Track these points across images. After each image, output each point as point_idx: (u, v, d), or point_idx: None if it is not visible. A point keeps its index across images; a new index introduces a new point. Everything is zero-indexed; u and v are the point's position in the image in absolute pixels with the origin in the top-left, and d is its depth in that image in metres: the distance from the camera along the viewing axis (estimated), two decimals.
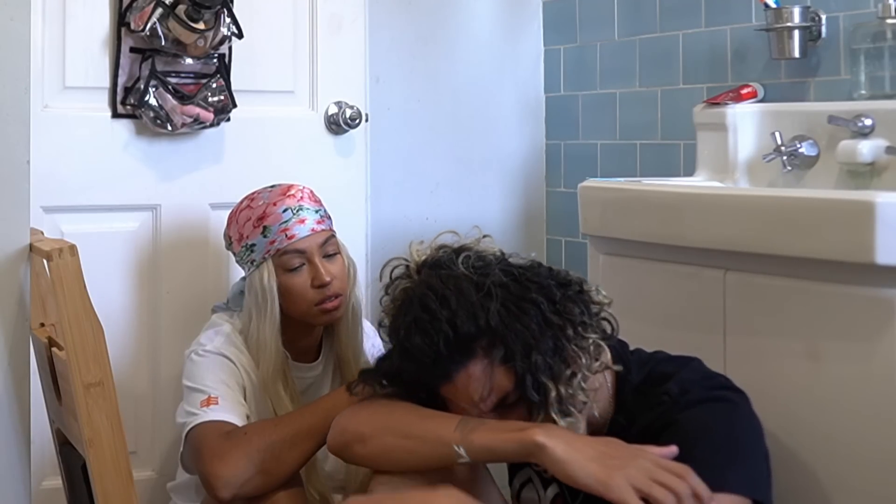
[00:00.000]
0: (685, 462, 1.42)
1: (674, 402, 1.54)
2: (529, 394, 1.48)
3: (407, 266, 1.61)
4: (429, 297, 1.52)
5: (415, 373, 1.54)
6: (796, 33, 2.16)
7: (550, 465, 1.43)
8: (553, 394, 1.47)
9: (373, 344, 2.16)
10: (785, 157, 2.09)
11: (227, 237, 2.06)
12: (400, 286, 1.60)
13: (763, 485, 1.49)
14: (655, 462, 1.42)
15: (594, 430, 1.56)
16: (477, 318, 1.50)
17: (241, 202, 2.06)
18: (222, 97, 2.33)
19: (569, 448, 1.43)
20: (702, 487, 1.40)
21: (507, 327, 1.49)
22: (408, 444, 1.54)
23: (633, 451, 1.44)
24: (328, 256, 2.01)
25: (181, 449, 1.94)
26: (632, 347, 1.66)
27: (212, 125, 2.34)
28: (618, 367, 1.58)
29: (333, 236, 2.04)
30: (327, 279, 1.97)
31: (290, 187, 2.03)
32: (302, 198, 2.02)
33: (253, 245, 1.99)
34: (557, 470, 1.43)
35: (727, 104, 2.24)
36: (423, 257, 1.60)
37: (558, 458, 1.42)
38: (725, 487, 1.43)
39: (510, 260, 1.59)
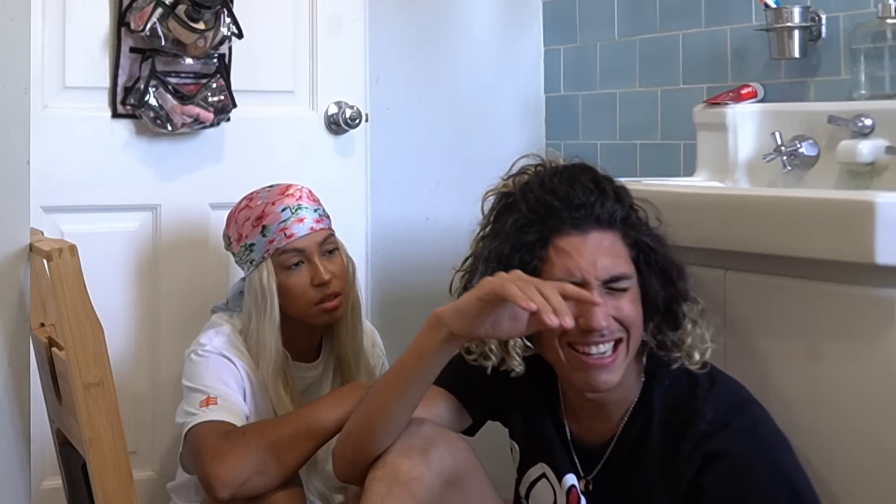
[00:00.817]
0: None
1: (711, 434, 1.51)
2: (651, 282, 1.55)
3: (543, 162, 1.63)
4: (593, 167, 1.59)
5: (551, 211, 1.53)
6: (796, 33, 2.16)
7: (451, 322, 1.47)
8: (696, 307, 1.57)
9: (373, 343, 2.16)
10: (785, 157, 2.09)
11: (227, 237, 2.06)
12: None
13: None
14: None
15: (611, 413, 1.57)
16: (635, 210, 1.58)
17: (240, 202, 2.06)
18: (222, 97, 2.33)
19: (456, 303, 1.49)
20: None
21: (654, 241, 1.57)
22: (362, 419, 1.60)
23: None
24: (327, 255, 2.01)
25: (180, 449, 1.94)
26: None
27: (212, 125, 2.34)
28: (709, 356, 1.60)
29: (332, 235, 2.04)
30: (326, 277, 1.97)
31: (288, 187, 2.04)
32: (300, 197, 2.02)
33: (252, 245, 1.99)
34: (455, 322, 1.48)
35: (727, 104, 2.24)
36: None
37: (453, 311, 1.47)
38: None
39: None
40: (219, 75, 2.33)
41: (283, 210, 1.99)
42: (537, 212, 1.54)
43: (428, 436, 1.57)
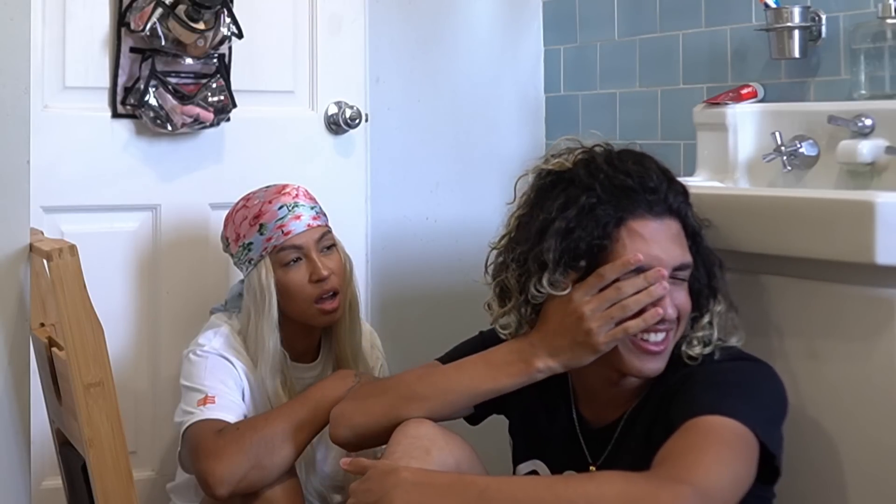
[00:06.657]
0: (688, 395, 1.45)
1: (699, 365, 1.54)
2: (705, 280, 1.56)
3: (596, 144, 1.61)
4: (653, 156, 1.58)
5: (625, 191, 1.50)
6: (796, 33, 2.16)
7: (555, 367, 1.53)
8: (720, 306, 1.57)
9: (372, 345, 2.16)
10: (785, 157, 2.09)
11: (225, 239, 2.07)
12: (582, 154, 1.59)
13: (767, 424, 1.45)
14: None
15: (628, 398, 1.57)
16: (690, 205, 1.59)
17: (237, 203, 2.06)
18: (222, 97, 2.33)
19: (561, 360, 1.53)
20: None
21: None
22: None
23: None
24: (325, 251, 2.01)
25: (179, 448, 1.94)
26: None
27: (212, 125, 2.34)
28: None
29: (329, 232, 2.04)
30: (325, 273, 1.97)
31: (284, 186, 2.04)
32: (297, 195, 2.03)
33: (250, 244, 1.99)
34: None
35: (727, 104, 2.24)
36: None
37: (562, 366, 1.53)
38: (720, 411, 1.40)
39: None
40: (219, 75, 2.33)
41: (280, 208, 1.99)
42: (610, 191, 1.51)
43: (430, 436, 1.57)
